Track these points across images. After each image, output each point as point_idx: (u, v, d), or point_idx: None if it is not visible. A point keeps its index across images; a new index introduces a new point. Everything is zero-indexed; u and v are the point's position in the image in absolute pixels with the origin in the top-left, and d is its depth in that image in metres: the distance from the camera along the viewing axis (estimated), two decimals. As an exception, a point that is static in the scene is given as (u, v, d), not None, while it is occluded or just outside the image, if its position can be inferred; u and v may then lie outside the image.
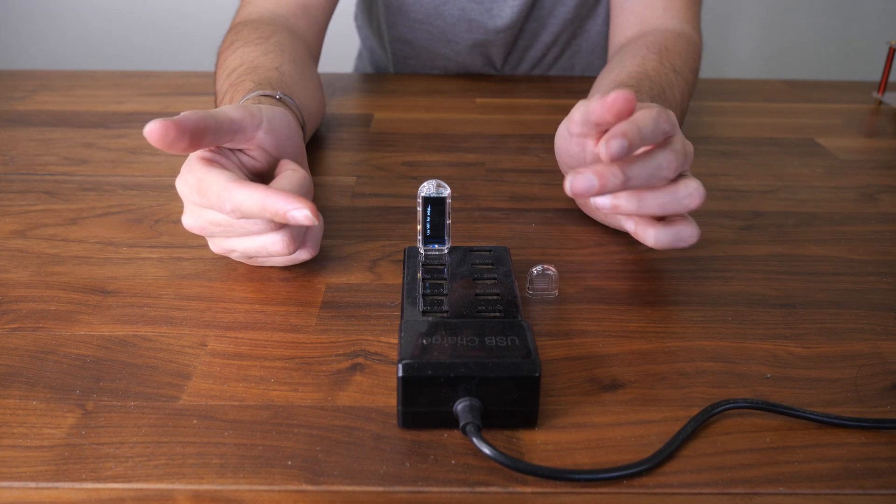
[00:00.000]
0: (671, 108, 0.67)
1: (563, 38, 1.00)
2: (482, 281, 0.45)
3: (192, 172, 0.46)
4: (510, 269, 0.47)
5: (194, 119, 0.44)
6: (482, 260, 0.48)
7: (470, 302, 0.43)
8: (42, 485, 0.34)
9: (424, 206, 0.48)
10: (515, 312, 0.42)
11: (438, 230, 0.48)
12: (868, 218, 0.61)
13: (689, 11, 0.81)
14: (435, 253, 0.49)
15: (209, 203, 0.45)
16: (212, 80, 0.93)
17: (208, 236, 0.50)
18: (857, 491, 0.34)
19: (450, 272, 0.46)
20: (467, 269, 0.47)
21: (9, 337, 0.44)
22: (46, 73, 0.98)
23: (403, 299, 0.43)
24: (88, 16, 1.97)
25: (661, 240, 0.47)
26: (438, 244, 0.49)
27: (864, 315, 0.48)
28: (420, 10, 0.95)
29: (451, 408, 0.37)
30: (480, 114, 0.85)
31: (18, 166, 0.68)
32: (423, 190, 0.48)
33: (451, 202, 0.48)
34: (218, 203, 0.44)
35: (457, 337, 0.38)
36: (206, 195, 0.45)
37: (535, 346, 0.38)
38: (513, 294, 0.44)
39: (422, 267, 0.47)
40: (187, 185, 0.47)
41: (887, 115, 0.88)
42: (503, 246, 0.50)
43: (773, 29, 1.99)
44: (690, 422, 0.37)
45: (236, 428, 0.37)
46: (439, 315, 0.41)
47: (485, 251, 0.49)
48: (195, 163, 0.47)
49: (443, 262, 0.48)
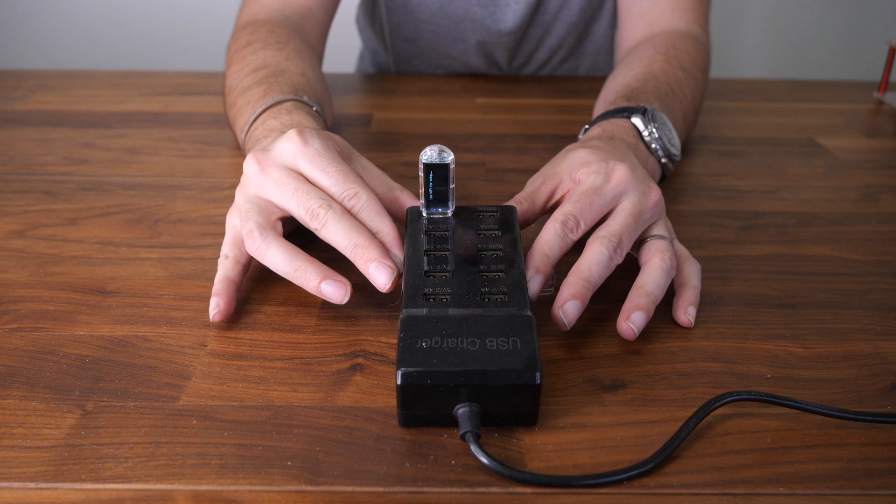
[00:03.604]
0: (681, 104, 0.67)
1: (568, 42, 1.00)
2: (487, 252, 0.44)
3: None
4: (517, 235, 0.45)
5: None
6: (488, 225, 0.46)
7: (474, 281, 0.41)
8: (42, 485, 0.34)
9: (426, 172, 0.45)
10: (520, 295, 0.41)
11: (442, 196, 0.46)
12: (868, 218, 0.61)
13: (697, 12, 0.81)
14: (438, 216, 0.47)
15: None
16: (212, 80, 0.94)
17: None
18: (857, 491, 0.34)
19: (453, 241, 0.44)
20: (472, 237, 0.45)
21: (8, 337, 0.44)
22: (46, 73, 0.98)
23: (404, 278, 0.42)
24: (88, 16, 1.97)
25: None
26: (442, 208, 0.47)
27: (864, 315, 0.48)
28: (425, 10, 0.95)
29: (451, 410, 0.36)
30: (480, 114, 0.85)
31: (18, 166, 0.68)
32: (424, 156, 0.45)
33: (454, 167, 0.46)
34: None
35: (457, 339, 0.37)
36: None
37: (536, 349, 0.37)
38: (518, 270, 0.42)
39: (425, 235, 0.45)
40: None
41: (887, 115, 0.88)
42: (510, 205, 0.48)
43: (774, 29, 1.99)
44: (693, 416, 0.37)
45: (236, 428, 0.37)
46: (441, 297, 0.40)
47: (491, 212, 0.47)
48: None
49: (446, 227, 0.46)
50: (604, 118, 0.60)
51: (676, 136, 0.61)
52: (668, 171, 0.60)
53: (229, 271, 0.47)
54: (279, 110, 0.58)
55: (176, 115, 0.82)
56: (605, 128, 0.59)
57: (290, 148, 0.48)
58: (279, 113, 0.58)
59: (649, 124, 0.58)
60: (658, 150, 0.58)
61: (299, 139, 0.48)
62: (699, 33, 0.80)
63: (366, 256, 0.43)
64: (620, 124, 0.58)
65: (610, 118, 0.60)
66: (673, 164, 0.60)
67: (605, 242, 0.44)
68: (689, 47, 0.75)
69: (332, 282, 0.44)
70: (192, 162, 0.70)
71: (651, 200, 0.48)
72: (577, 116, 0.84)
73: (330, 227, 0.45)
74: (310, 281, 0.44)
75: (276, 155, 0.48)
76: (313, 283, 0.44)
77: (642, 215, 0.47)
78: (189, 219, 0.59)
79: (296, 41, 0.72)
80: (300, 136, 0.48)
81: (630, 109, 0.59)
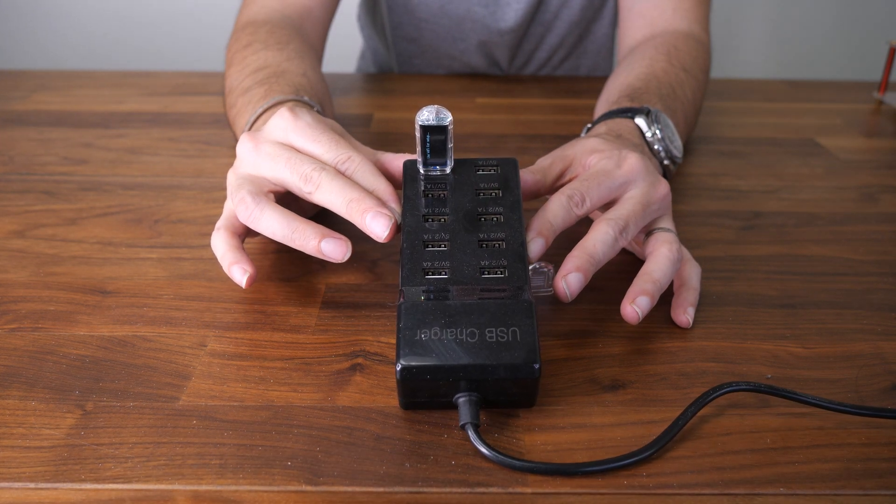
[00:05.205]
0: (683, 105, 0.67)
1: (568, 42, 1.00)
2: (487, 216, 0.43)
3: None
4: (518, 196, 0.44)
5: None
6: (487, 184, 0.45)
7: (473, 254, 0.41)
8: (41, 485, 0.34)
9: (423, 134, 0.44)
10: (520, 269, 0.40)
11: (440, 155, 0.45)
12: (868, 218, 0.61)
13: (698, 12, 0.81)
14: (436, 173, 0.46)
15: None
16: (211, 80, 0.94)
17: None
18: (857, 491, 0.34)
19: (452, 206, 0.43)
20: (471, 199, 0.44)
21: (8, 337, 0.44)
22: (46, 73, 0.98)
23: (402, 250, 0.41)
24: (88, 16, 1.97)
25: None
26: (440, 166, 0.46)
27: (864, 315, 0.48)
28: (426, 9, 0.95)
29: (451, 398, 0.37)
30: (481, 114, 0.85)
31: (18, 166, 0.68)
32: (420, 117, 0.44)
33: (452, 128, 0.44)
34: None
35: (456, 329, 0.37)
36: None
37: (536, 339, 0.37)
38: (519, 238, 0.42)
39: (423, 197, 0.44)
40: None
41: (887, 115, 0.88)
42: (511, 158, 0.47)
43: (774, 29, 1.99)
44: (691, 405, 0.38)
45: (236, 428, 0.37)
46: (440, 271, 0.40)
47: (491, 166, 0.46)
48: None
49: (445, 186, 0.45)
50: (607, 118, 0.60)
51: (678, 138, 0.61)
52: (669, 173, 0.60)
53: (230, 240, 0.47)
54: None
55: (176, 115, 0.82)
56: (610, 126, 0.59)
57: (281, 123, 0.48)
58: None
59: (652, 125, 0.58)
60: (660, 151, 0.58)
61: (290, 114, 0.48)
62: (700, 33, 0.80)
63: (361, 208, 0.43)
64: (624, 125, 0.58)
65: (613, 118, 0.60)
66: (675, 165, 0.60)
67: (612, 224, 0.45)
68: (691, 48, 0.75)
69: (332, 240, 0.43)
70: (193, 162, 0.70)
71: (659, 193, 0.48)
72: (577, 116, 0.84)
73: (324, 187, 0.44)
74: (309, 241, 0.43)
75: (268, 132, 0.48)
76: (313, 243, 0.43)
77: (650, 205, 0.47)
78: (189, 219, 0.59)
79: (296, 41, 0.72)
80: (291, 112, 0.48)
81: (633, 110, 0.59)
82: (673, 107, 0.65)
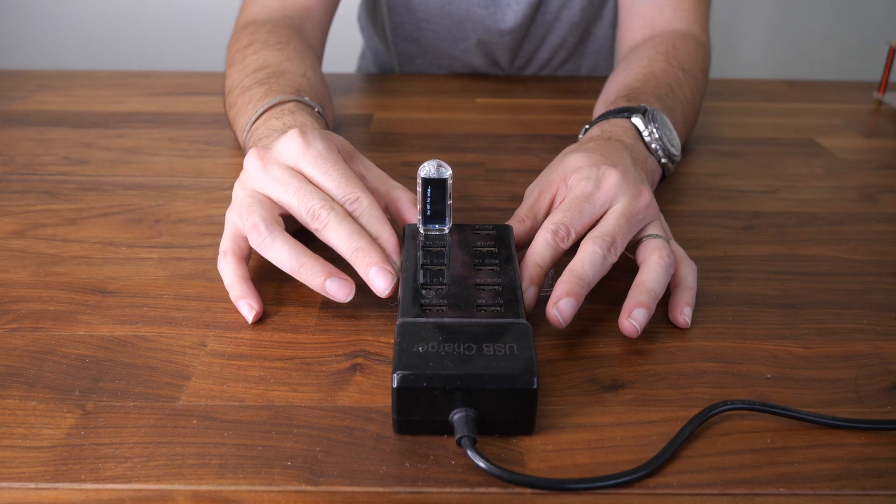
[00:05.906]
0: (682, 105, 0.67)
1: (569, 42, 1.00)
2: (483, 268, 0.44)
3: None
4: (512, 252, 0.45)
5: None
6: (484, 242, 0.46)
7: (470, 294, 0.42)
8: (41, 485, 0.34)
9: (424, 187, 0.46)
10: (516, 306, 0.41)
11: (439, 212, 0.47)
12: (868, 218, 0.61)
13: (697, 12, 0.81)
14: (435, 233, 0.47)
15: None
16: (212, 80, 0.94)
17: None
18: (857, 491, 0.34)
19: (449, 257, 0.45)
20: (468, 253, 0.45)
21: (8, 337, 0.44)
22: (46, 73, 0.98)
23: (401, 290, 0.42)
24: (88, 16, 1.97)
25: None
26: (439, 224, 0.47)
27: (864, 315, 0.48)
28: (426, 10, 0.95)
29: (446, 416, 0.36)
30: (481, 114, 0.85)
31: (18, 166, 0.68)
32: (422, 171, 0.45)
33: (452, 183, 0.46)
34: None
35: (453, 343, 0.37)
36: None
37: (534, 354, 0.37)
38: (514, 284, 0.43)
39: (421, 250, 0.45)
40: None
41: (887, 115, 0.88)
42: (506, 224, 0.48)
43: (774, 29, 1.99)
44: (688, 424, 0.37)
45: (236, 428, 0.37)
46: (437, 308, 0.40)
47: (487, 231, 0.48)
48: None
49: (443, 244, 0.46)
50: (604, 118, 0.60)
51: (676, 137, 0.61)
52: (668, 171, 0.60)
53: (238, 269, 0.47)
54: (281, 111, 0.58)
55: (176, 115, 0.82)
56: (604, 128, 0.59)
57: (293, 148, 0.47)
58: (281, 113, 0.58)
59: (649, 124, 0.58)
60: (658, 150, 0.58)
61: (302, 140, 0.48)
62: (699, 33, 0.80)
63: (366, 260, 0.44)
64: (620, 124, 0.58)
65: (610, 118, 0.60)
66: (673, 164, 0.60)
67: (599, 242, 0.45)
68: (690, 47, 0.75)
69: (337, 280, 0.44)
70: (193, 162, 0.70)
71: (642, 203, 0.48)
72: (577, 116, 0.84)
73: (331, 228, 0.45)
74: (314, 278, 0.44)
75: (279, 153, 0.48)
76: (318, 281, 0.44)
77: (634, 216, 0.47)
78: (189, 219, 0.59)
79: (296, 42, 0.72)
80: (302, 137, 0.48)
81: (630, 109, 0.59)
82: (671, 106, 0.65)
